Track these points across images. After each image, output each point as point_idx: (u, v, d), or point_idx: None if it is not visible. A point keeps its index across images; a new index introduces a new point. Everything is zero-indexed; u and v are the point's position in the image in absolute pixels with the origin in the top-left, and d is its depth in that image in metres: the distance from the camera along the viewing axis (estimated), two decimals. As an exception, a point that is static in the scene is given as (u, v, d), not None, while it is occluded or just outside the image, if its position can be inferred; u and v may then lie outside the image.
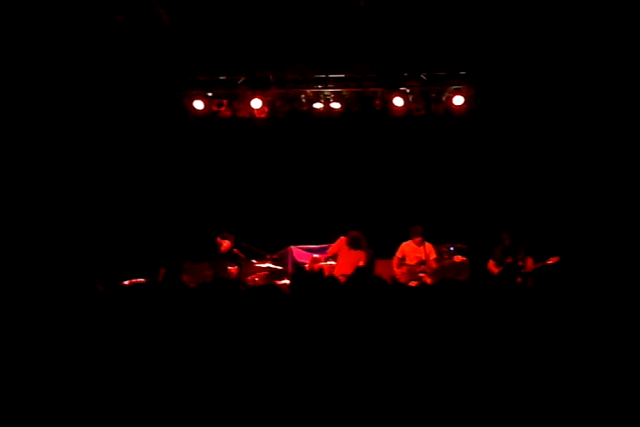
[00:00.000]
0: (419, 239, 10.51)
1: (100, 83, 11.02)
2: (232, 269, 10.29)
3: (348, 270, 9.69)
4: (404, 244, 10.63)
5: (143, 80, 11.17)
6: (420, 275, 10.29)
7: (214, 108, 11.54)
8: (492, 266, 10.22)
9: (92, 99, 11.13)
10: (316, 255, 10.94)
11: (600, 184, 11.26)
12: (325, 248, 11.27)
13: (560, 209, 11.44)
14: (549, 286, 5.40)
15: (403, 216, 11.75)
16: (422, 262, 10.43)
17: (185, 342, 4.21)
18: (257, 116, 11.61)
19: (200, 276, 10.00)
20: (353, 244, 10.32)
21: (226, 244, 10.32)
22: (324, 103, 11.55)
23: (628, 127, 10.91)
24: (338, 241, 10.49)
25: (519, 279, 9.33)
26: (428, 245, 10.56)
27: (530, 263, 9.61)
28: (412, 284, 9.39)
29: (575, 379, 3.93)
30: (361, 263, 10.22)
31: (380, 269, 10.72)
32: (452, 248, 10.82)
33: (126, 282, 8.71)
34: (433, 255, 10.53)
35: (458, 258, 10.56)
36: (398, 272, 10.49)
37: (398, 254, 10.61)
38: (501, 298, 5.26)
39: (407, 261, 10.52)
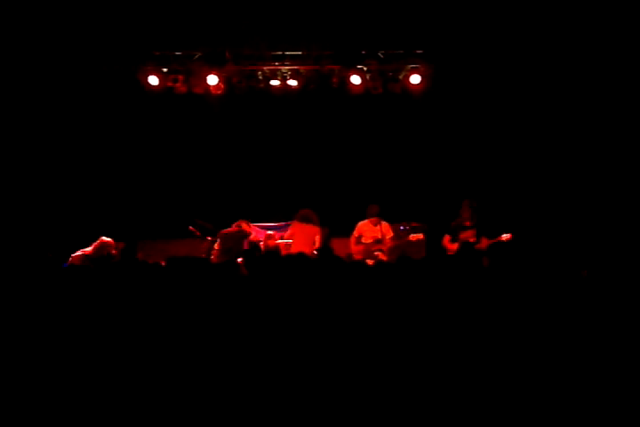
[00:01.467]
0: (375, 218, 10.52)
1: (53, 56, 10.79)
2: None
3: (306, 248, 9.72)
4: (360, 223, 10.64)
5: (97, 54, 10.96)
6: (376, 253, 10.32)
7: (169, 83, 11.38)
8: (446, 241, 10.11)
9: (44, 73, 10.90)
10: (270, 232, 10.91)
11: (550, 160, 11.43)
12: (280, 227, 11.26)
13: (513, 187, 11.59)
14: (504, 264, 5.42)
15: (359, 195, 11.78)
16: (378, 241, 10.46)
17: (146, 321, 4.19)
18: (213, 92, 11.49)
19: (154, 254, 9.91)
20: (303, 219, 10.36)
21: None
22: (281, 80, 11.48)
23: (584, 95, 11.07)
24: (291, 225, 10.55)
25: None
26: (384, 223, 10.59)
27: (484, 241, 9.63)
28: (369, 262, 9.41)
29: (531, 360, 3.99)
30: (317, 238, 10.26)
31: (336, 247, 10.72)
32: (408, 227, 10.87)
33: (77, 253, 8.50)
34: (389, 234, 10.57)
35: (414, 236, 10.59)
36: (355, 250, 10.52)
37: (355, 233, 10.63)
38: (457, 277, 5.31)
39: (363, 240, 10.54)
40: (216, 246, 10.11)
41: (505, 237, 9.43)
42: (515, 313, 4.44)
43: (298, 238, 10.31)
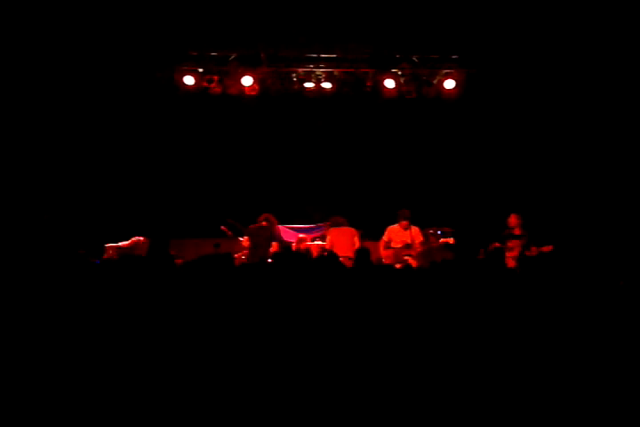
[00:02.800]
0: (405, 223, 10.49)
1: (90, 57, 10.91)
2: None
3: (349, 252, 9.78)
4: (390, 227, 10.62)
5: (134, 54, 11.07)
6: (405, 258, 10.31)
7: (205, 84, 11.48)
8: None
9: (82, 73, 11.03)
10: (301, 235, 10.94)
11: (594, 176, 11.30)
12: (313, 228, 11.29)
13: (550, 197, 11.50)
14: (537, 272, 5.40)
15: (391, 199, 11.78)
16: (408, 246, 10.45)
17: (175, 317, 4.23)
18: (247, 93, 11.56)
19: (186, 252, 10.00)
20: (337, 224, 10.41)
21: None
22: (315, 83, 11.53)
23: (625, 112, 10.95)
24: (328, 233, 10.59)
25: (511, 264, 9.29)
26: (414, 228, 10.56)
27: (534, 249, 9.51)
28: (397, 266, 9.41)
29: (560, 366, 3.98)
30: (356, 239, 10.30)
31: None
32: (438, 232, 10.85)
33: (110, 244, 8.73)
34: (419, 239, 10.55)
35: (444, 240, 10.57)
36: (384, 255, 10.51)
37: (385, 237, 10.62)
38: (485, 281, 5.30)
39: (393, 244, 10.53)
40: (245, 244, 10.19)
41: (546, 248, 9.33)
42: (542, 319, 4.43)
43: (338, 244, 10.32)
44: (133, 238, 8.96)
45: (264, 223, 10.19)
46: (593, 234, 10.57)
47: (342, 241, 10.28)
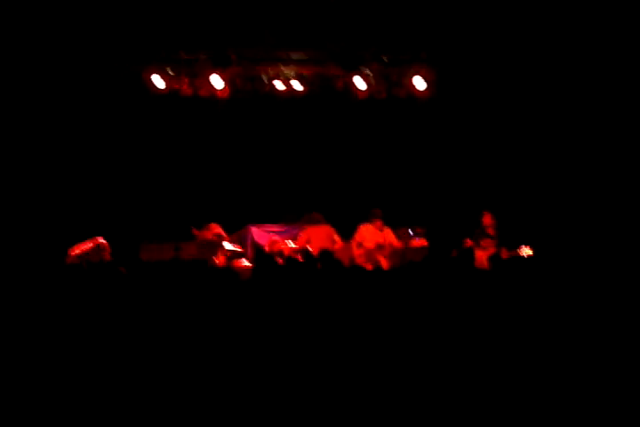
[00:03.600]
0: (379, 223, 10.47)
1: (58, 57, 10.82)
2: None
3: (326, 244, 9.84)
4: (362, 226, 10.55)
5: (103, 54, 10.99)
6: (378, 257, 10.30)
7: (175, 85, 11.42)
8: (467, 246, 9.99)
9: (50, 73, 10.93)
10: (275, 237, 10.88)
11: (568, 174, 11.36)
12: (286, 231, 11.23)
13: (522, 196, 11.56)
14: (512, 273, 5.43)
15: (362, 198, 11.81)
16: (380, 247, 10.42)
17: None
18: (219, 95, 11.51)
19: (157, 256, 9.93)
20: (314, 221, 10.45)
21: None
22: (285, 83, 11.50)
23: (601, 106, 11.04)
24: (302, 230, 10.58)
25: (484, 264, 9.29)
26: (387, 230, 10.54)
27: (504, 251, 9.50)
28: (369, 267, 9.39)
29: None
30: (336, 237, 10.31)
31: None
32: (410, 231, 10.87)
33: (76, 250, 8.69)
34: (393, 241, 10.51)
35: (417, 242, 10.59)
36: (356, 254, 10.47)
37: (357, 237, 10.58)
38: (455, 281, 5.33)
39: (365, 244, 10.47)
40: None
41: (525, 252, 9.28)
42: (514, 319, 4.46)
43: (315, 242, 10.30)
44: (94, 240, 8.87)
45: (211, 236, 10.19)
46: (568, 234, 10.61)
47: (319, 240, 10.25)
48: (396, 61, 11.41)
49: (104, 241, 8.79)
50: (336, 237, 10.36)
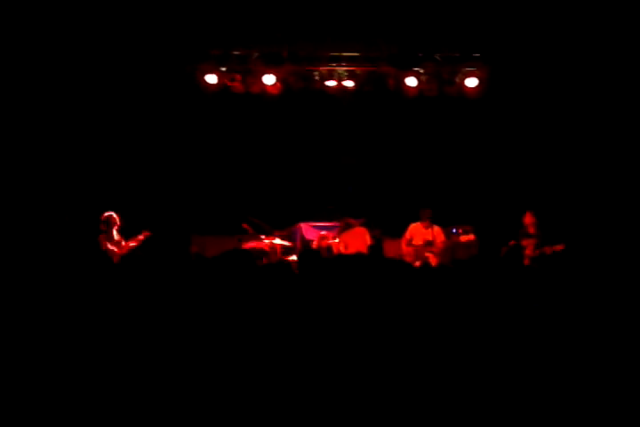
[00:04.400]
0: (427, 221, 10.57)
1: (112, 56, 11.02)
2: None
3: (361, 248, 9.91)
4: (412, 225, 10.69)
5: (157, 53, 11.15)
6: (427, 255, 10.35)
7: (227, 82, 11.55)
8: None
9: (103, 72, 11.14)
10: (323, 233, 10.98)
11: (613, 175, 11.21)
12: (334, 226, 11.32)
13: (569, 195, 11.44)
14: (550, 270, 5.41)
15: (412, 196, 11.82)
16: (429, 243, 10.49)
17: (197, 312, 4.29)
18: (269, 92, 11.61)
19: (209, 249, 10.07)
20: (346, 228, 10.57)
21: None
22: (337, 81, 11.55)
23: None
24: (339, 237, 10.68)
25: (526, 262, 9.27)
26: (436, 228, 10.62)
27: (547, 249, 9.48)
28: (417, 264, 9.43)
29: (574, 368, 3.99)
30: (367, 237, 10.38)
31: (388, 248, 10.78)
32: (459, 230, 10.87)
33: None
34: (441, 238, 10.58)
35: (464, 237, 10.60)
36: (405, 252, 10.57)
37: (406, 235, 10.69)
38: (504, 279, 5.33)
39: (414, 242, 10.59)
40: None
41: (558, 247, 9.30)
42: (557, 317, 4.45)
43: (351, 245, 10.42)
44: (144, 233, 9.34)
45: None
46: (608, 233, 10.48)
47: (354, 242, 10.37)
48: (449, 60, 11.37)
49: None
50: (367, 238, 10.46)
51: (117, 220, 9.42)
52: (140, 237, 9.36)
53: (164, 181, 11.87)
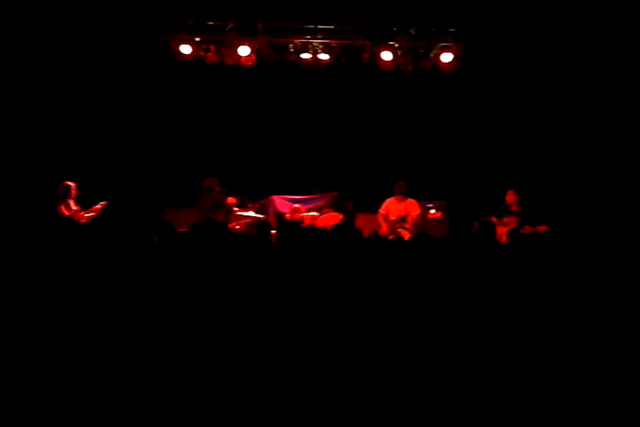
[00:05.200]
0: (400, 196, 10.63)
1: (83, 23, 10.86)
2: (217, 216, 10.33)
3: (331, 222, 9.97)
4: (387, 200, 10.75)
5: (131, 22, 11.01)
6: (399, 230, 10.38)
7: (201, 53, 11.44)
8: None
9: (75, 41, 10.99)
10: (296, 205, 11.01)
11: (594, 155, 11.28)
12: (307, 199, 11.35)
13: (547, 175, 11.52)
14: (528, 249, 5.47)
15: (387, 171, 11.85)
16: (402, 219, 10.54)
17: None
18: (244, 63, 11.53)
19: (183, 221, 10.02)
20: (333, 206, 10.62)
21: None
22: (312, 54, 11.50)
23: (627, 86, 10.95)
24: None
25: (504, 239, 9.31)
26: (410, 200, 10.67)
27: (528, 228, 9.54)
28: (390, 238, 9.46)
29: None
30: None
31: (361, 223, 10.80)
32: (429, 205, 10.92)
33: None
34: (416, 211, 10.64)
35: (432, 215, 10.66)
36: (383, 227, 10.63)
37: (381, 210, 10.75)
38: (474, 256, 5.38)
39: (390, 217, 10.65)
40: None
41: (541, 228, 9.36)
42: (532, 294, 4.50)
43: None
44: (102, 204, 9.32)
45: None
46: (588, 216, 10.56)
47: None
48: (424, 34, 11.35)
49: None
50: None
51: (75, 190, 9.43)
52: (98, 206, 9.34)
53: (137, 152, 11.79)
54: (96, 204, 9.44)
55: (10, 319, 3.91)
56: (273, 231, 9.01)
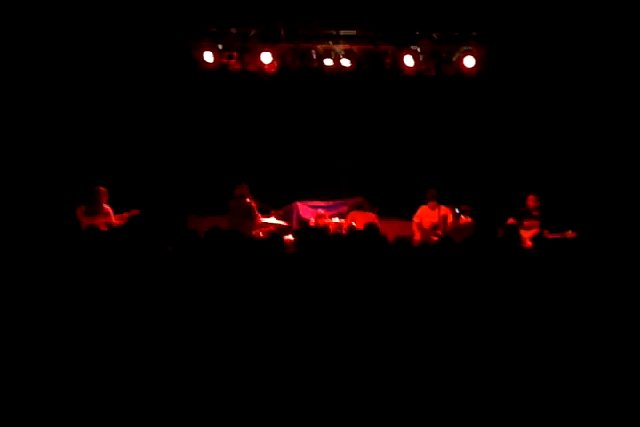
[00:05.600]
0: (433, 203, 10.59)
1: (110, 32, 10.95)
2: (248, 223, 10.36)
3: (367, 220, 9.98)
4: (420, 208, 10.74)
5: (154, 30, 11.07)
6: (434, 238, 10.33)
7: (224, 60, 11.47)
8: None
9: (101, 49, 11.09)
10: (321, 211, 10.98)
11: (619, 161, 11.17)
12: (332, 205, 11.33)
13: (571, 180, 11.43)
14: (555, 254, 5.41)
15: (410, 176, 11.82)
16: (435, 227, 10.53)
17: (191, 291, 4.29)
18: (267, 70, 11.55)
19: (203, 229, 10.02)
20: (359, 208, 10.53)
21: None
22: (334, 60, 11.50)
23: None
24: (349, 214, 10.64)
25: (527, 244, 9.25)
26: (443, 208, 10.63)
27: (547, 233, 9.49)
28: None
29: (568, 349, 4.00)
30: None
31: (387, 228, 10.75)
32: (457, 210, 10.85)
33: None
34: (449, 219, 10.60)
35: (463, 220, 10.58)
36: (417, 235, 10.60)
37: (416, 219, 10.74)
38: (501, 260, 5.33)
39: (423, 226, 10.63)
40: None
41: (570, 234, 9.30)
42: (555, 303, 4.45)
43: (359, 224, 10.46)
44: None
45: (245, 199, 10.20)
46: (614, 224, 10.44)
47: (362, 221, 10.38)
48: (446, 39, 11.32)
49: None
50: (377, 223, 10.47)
51: (106, 194, 9.49)
52: (126, 214, 9.33)
53: (162, 160, 11.85)
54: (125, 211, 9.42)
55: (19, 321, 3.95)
56: (290, 238, 8.99)
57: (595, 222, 10.29)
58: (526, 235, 9.29)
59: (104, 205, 9.47)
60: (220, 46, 11.41)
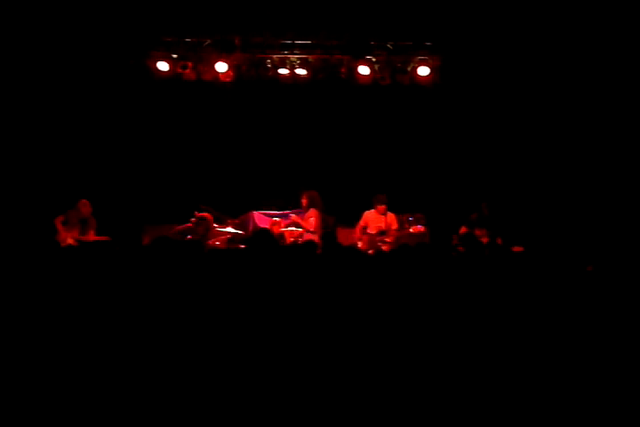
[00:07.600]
0: (382, 208, 10.60)
1: (61, 41, 10.84)
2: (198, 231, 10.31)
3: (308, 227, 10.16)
4: (367, 212, 10.72)
5: (106, 39, 10.99)
6: (379, 244, 10.36)
7: (179, 70, 11.44)
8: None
9: (51, 59, 10.97)
10: (276, 219, 10.96)
11: (572, 171, 11.33)
12: (285, 215, 11.31)
13: (522, 189, 11.58)
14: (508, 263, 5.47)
15: (365, 184, 11.84)
16: (382, 232, 10.52)
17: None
18: (222, 80, 11.54)
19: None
20: (310, 200, 10.57)
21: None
22: (289, 69, 11.52)
23: (600, 96, 11.04)
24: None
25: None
26: (390, 214, 10.66)
27: (499, 241, 9.61)
28: (371, 252, 9.46)
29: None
30: (313, 220, 10.39)
31: (341, 236, 10.78)
32: (411, 218, 10.90)
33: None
34: (394, 226, 10.63)
35: (415, 228, 10.63)
36: (362, 240, 10.58)
37: (361, 223, 10.72)
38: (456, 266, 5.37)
39: (368, 230, 10.61)
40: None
41: (517, 248, 9.37)
42: (511, 304, 4.49)
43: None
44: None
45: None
46: (565, 233, 10.58)
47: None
48: (401, 49, 11.42)
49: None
50: (312, 221, 10.48)
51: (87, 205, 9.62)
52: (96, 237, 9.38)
53: (115, 170, 11.72)
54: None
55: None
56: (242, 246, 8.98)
57: (544, 237, 10.43)
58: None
59: (88, 217, 9.61)
60: (174, 55, 11.36)
